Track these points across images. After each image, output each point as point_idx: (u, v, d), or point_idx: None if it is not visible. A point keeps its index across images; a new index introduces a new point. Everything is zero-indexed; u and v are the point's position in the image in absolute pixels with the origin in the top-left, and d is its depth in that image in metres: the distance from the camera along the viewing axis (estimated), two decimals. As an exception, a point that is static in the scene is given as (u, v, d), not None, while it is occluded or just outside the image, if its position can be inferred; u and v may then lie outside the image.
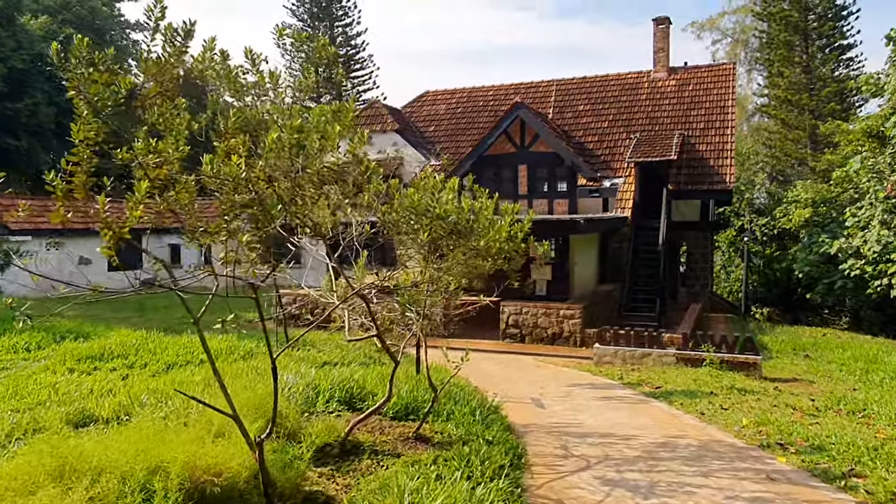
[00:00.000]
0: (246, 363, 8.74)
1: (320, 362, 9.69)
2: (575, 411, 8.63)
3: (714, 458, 6.42)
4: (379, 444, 5.57)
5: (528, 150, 21.18)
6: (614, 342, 13.05)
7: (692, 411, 8.55)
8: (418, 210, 3.96)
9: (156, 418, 5.33)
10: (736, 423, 7.78)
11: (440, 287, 5.31)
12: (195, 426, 4.85)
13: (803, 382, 11.33)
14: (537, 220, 17.44)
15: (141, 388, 7.25)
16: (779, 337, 16.94)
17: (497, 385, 10.62)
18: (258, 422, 4.74)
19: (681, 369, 11.93)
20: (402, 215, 3.99)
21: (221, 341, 9.95)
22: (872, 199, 18.93)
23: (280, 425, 4.93)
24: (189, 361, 9.11)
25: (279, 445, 4.65)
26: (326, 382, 6.96)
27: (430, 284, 5.11)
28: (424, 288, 5.28)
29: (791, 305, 27.40)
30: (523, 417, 8.16)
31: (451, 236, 4.21)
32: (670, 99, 23.24)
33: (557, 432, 7.46)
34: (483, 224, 4.45)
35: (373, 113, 25.34)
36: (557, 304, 15.27)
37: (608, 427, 7.74)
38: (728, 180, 20.19)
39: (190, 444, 4.15)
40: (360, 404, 6.75)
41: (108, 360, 8.97)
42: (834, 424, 7.83)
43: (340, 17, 50.07)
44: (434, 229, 4.07)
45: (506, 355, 14.24)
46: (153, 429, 4.58)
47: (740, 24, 44.70)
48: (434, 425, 6.57)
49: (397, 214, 3.97)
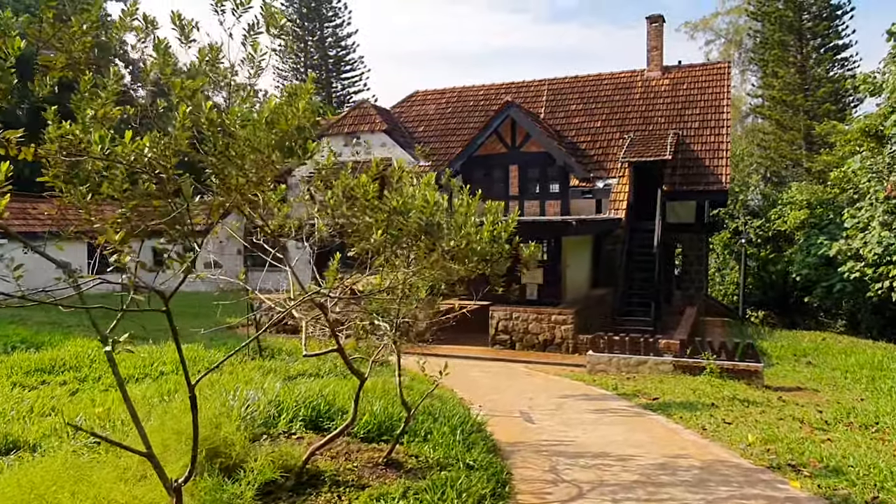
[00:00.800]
0: (208, 377, 8.02)
1: (293, 373, 9.00)
2: (566, 426, 7.98)
3: (720, 483, 5.78)
4: (342, 473, 4.89)
5: (520, 151, 20.60)
6: (608, 349, 12.42)
7: (693, 426, 7.92)
8: (371, 204, 3.31)
9: (83, 447, 4.64)
10: (741, 439, 7.15)
11: (411, 293, 4.66)
12: (125, 457, 4.16)
13: (808, 391, 10.74)
14: (527, 221, 16.90)
15: (87, 406, 6.54)
16: (778, 342, 16.36)
17: (484, 396, 9.96)
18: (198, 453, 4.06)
19: (678, 378, 11.31)
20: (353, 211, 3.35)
21: (186, 351, 9.21)
22: (872, 200, 18.42)
23: (223, 455, 4.25)
24: (147, 374, 8.38)
25: (215, 483, 3.97)
26: (291, 399, 6.27)
27: (399, 291, 4.46)
28: (395, 294, 4.62)
29: (787, 308, 26.91)
30: (510, 434, 7.50)
31: (416, 236, 3.57)
32: (664, 98, 22.72)
33: (547, 452, 6.80)
34: (457, 222, 3.80)
35: (361, 113, 24.72)
36: (549, 309, 14.64)
37: (602, 445, 7.09)
38: (724, 181, 19.66)
39: (106, 484, 3.47)
40: (328, 424, 6.07)
41: (60, 372, 8.25)
42: (847, 441, 7.22)
43: (331, 17, 49.39)
44: (392, 227, 3.42)
45: (495, 363, 13.59)
46: (71, 463, 3.90)
47: (734, 25, 44.44)
48: (410, 447, 5.90)
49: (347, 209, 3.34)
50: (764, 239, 28.56)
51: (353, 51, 49.75)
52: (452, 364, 13.13)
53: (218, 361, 3.95)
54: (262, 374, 8.15)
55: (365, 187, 3.37)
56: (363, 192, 3.39)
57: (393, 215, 3.38)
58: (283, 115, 2.91)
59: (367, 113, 24.56)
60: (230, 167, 2.83)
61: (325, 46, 49.16)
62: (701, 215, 21.20)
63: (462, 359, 13.93)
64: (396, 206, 3.33)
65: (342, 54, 49.65)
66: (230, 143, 2.83)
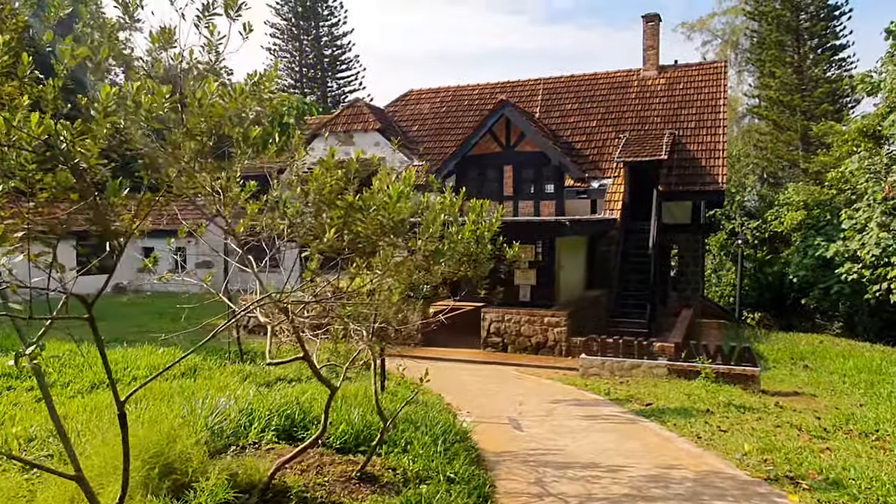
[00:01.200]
0: (179, 382, 7.70)
1: (273, 378, 8.68)
2: (556, 434, 7.67)
3: (714, 497, 5.48)
4: (312, 489, 4.58)
5: (514, 150, 20.34)
6: (602, 352, 12.12)
7: (687, 434, 7.62)
8: (326, 198, 2.99)
9: (27, 463, 4.30)
10: (737, 449, 6.86)
11: (383, 297, 4.35)
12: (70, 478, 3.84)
13: (805, 396, 10.45)
14: (521, 221, 16.60)
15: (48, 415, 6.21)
16: (774, 345, 16.10)
17: (472, 400, 9.66)
18: (150, 471, 3.75)
19: (673, 382, 11.02)
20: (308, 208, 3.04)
21: (162, 355, 8.89)
22: (870, 201, 18.17)
23: (178, 471, 3.93)
24: (119, 379, 8.04)
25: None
26: (264, 407, 5.95)
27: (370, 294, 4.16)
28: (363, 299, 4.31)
29: (783, 310, 26.67)
30: (497, 443, 7.20)
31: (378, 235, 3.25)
32: (660, 98, 22.45)
33: (535, 462, 6.50)
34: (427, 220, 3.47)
35: (354, 112, 24.43)
36: (542, 311, 14.34)
37: (593, 454, 6.79)
38: (720, 181, 19.40)
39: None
40: (303, 434, 5.75)
41: (28, 377, 7.91)
42: (847, 450, 6.93)
43: (326, 16, 49.00)
44: (349, 226, 3.10)
45: (486, 365, 13.29)
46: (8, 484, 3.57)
47: (730, 25, 44.19)
48: (388, 458, 5.59)
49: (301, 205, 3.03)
50: (760, 240, 28.34)
51: (348, 50, 49.43)
52: (442, 367, 12.93)
53: (155, 374, 3.62)
54: (239, 380, 7.83)
55: (319, 180, 3.04)
56: (317, 188, 3.07)
57: (350, 212, 3.06)
58: (222, 97, 2.59)
59: (361, 112, 24.27)
60: (162, 156, 2.53)
61: (320, 45, 48.81)
62: (697, 216, 20.93)
63: (452, 361, 13.64)
64: (352, 201, 3.00)
65: (338, 53, 49.30)
66: (163, 129, 2.52)
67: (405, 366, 5.92)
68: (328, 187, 3.04)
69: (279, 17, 48.19)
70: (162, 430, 4.26)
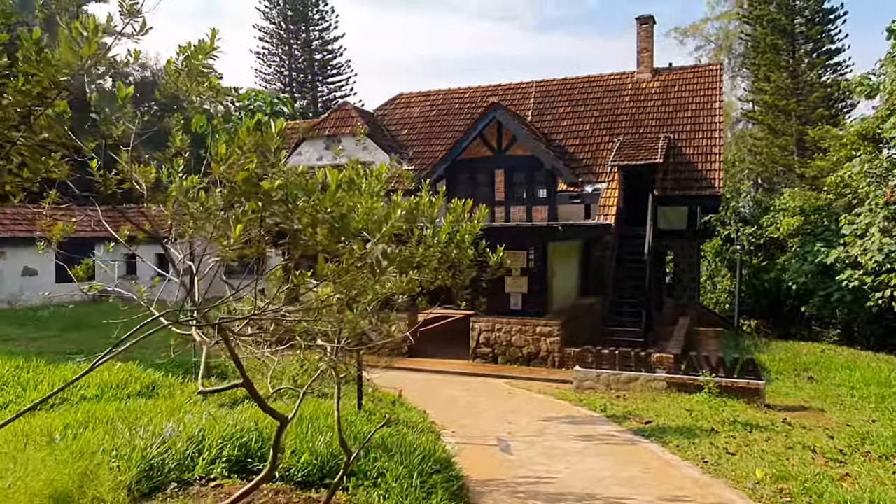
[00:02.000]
0: (132, 403, 6.96)
1: (241, 396, 7.95)
2: (548, 458, 6.99)
3: (728, 536, 4.82)
4: (259, 538, 3.89)
5: (506, 154, 19.71)
6: (597, 364, 11.46)
7: (691, 457, 6.96)
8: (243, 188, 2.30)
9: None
10: (748, 476, 6.20)
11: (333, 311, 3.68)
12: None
13: (813, 411, 9.83)
14: (511, 226, 15.96)
15: None
16: (776, 354, 15.49)
17: (459, 418, 8.98)
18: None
19: (673, 396, 10.38)
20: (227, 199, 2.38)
21: (117, 372, 8.14)
22: (871, 206, 17.65)
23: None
24: (66, 399, 7.30)
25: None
26: (217, 434, 5.24)
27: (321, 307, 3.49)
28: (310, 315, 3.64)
29: (780, 317, 26.12)
30: (484, 469, 6.52)
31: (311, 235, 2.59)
32: (655, 101, 21.94)
33: (524, 493, 5.82)
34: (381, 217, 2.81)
35: (342, 115, 23.81)
36: (534, 320, 13.68)
37: (588, 483, 6.12)
38: (716, 185, 18.85)
39: None
40: (258, 465, 5.04)
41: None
42: (868, 476, 6.29)
43: (317, 21, 48.47)
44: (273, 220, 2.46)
45: (475, 378, 12.60)
46: None
47: (724, 30, 43.90)
48: (356, 494, 4.91)
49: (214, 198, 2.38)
50: (756, 246, 27.81)
51: (339, 55, 48.89)
52: (429, 379, 12.20)
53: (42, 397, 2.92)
54: (200, 401, 7.09)
55: (226, 161, 2.35)
56: (225, 171, 2.41)
57: (268, 204, 2.40)
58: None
59: (349, 115, 23.66)
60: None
61: (310, 50, 48.24)
62: (693, 221, 20.37)
63: (440, 373, 12.96)
64: (268, 187, 2.32)
65: (328, 58, 48.74)
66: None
67: (373, 388, 5.26)
68: (240, 172, 2.36)
69: (268, 20, 47.59)
70: (76, 470, 3.55)
